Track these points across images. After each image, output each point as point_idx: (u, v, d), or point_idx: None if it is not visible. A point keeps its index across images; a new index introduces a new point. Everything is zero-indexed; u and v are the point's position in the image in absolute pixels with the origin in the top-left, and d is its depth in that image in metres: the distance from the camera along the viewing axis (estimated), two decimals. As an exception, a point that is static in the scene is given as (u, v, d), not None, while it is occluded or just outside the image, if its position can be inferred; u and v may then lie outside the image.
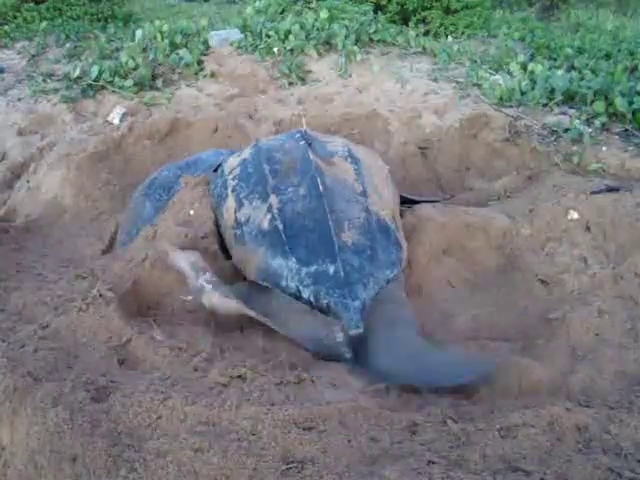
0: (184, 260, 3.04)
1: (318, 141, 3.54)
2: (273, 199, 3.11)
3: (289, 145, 3.47)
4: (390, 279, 2.96)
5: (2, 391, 2.25)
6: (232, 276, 3.20)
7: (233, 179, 3.37)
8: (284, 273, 2.89)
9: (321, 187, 3.10)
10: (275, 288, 2.92)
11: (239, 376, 2.49)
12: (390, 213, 3.27)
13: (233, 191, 3.31)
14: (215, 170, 3.68)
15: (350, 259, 2.88)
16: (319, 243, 2.91)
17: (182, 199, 3.56)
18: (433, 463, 1.95)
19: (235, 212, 3.22)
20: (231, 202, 3.28)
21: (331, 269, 2.83)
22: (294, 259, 2.89)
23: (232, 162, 3.53)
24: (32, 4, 8.23)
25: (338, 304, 2.75)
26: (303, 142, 3.44)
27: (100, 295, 2.94)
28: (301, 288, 2.84)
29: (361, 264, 2.88)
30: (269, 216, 3.05)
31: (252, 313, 2.80)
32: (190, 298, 3.05)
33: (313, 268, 2.85)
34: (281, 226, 2.99)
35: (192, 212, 3.44)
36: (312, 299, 2.82)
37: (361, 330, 2.72)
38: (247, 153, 3.51)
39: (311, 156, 3.30)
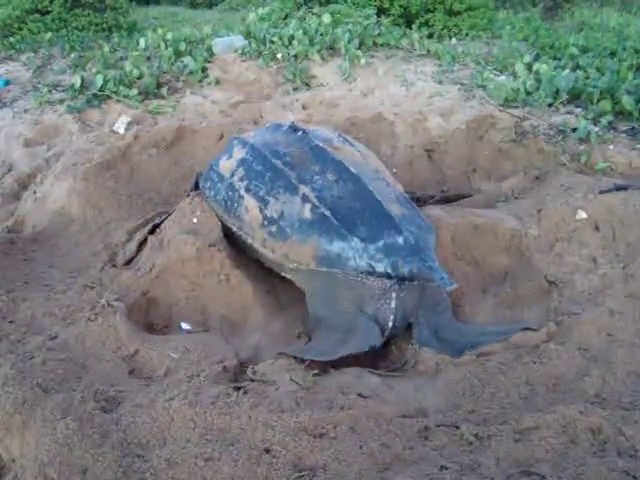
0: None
1: (311, 130, 3.58)
2: (305, 189, 3.12)
3: (285, 138, 3.49)
4: (435, 243, 3.08)
5: (11, 403, 2.25)
6: (238, 283, 3.20)
7: (241, 180, 3.34)
8: (349, 254, 2.93)
9: (353, 169, 3.17)
10: (341, 271, 2.95)
11: (251, 383, 2.49)
12: (400, 186, 3.42)
13: (248, 191, 3.29)
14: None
15: (409, 227, 2.96)
16: (376, 219, 2.97)
17: (182, 208, 3.55)
18: (446, 468, 1.94)
19: (261, 210, 3.20)
20: (251, 202, 3.25)
21: (400, 239, 2.89)
22: (356, 239, 2.92)
23: (227, 164, 3.50)
24: (37, 15, 8.27)
25: (422, 269, 2.80)
26: (301, 132, 3.48)
27: (108, 305, 2.95)
28: (374, 264, 2.88)
29: (418, 232, 2.98)
30: (308, 206, 3.06)
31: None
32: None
33: (381, 242, 2.89)
34: (328, 212, 3.01)
35: (195, 220, 3.43)
36: (390, 270, 2.85)
37: (456, 285, 2.80)
38: (242, 152, 3.48)
39: (320, 144, 3.35)
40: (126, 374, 2.62)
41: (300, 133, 3.47)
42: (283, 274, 3.23)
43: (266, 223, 3.16)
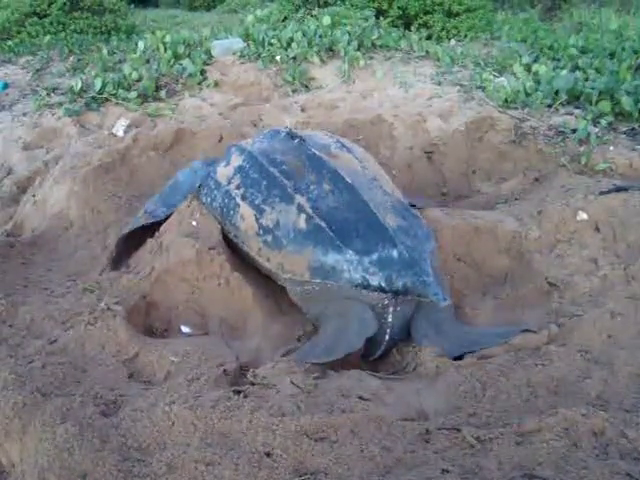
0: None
1: (307, 137, 3.57)
2: (300, 199, 3.11)
3: (282, 145, 3.48)
4: (433, 250, 3.06)
5: (11, 407, 2.24)
6: (238, 287, 3.19)
7: (237, 187, 3.34)
8: (344, 267, 2.92)
9: (348, 179, 3.15)
10: (335, 283, 2.94)
11: (251, 386, 2.48)
12: (399, 192, 3.40)
13: (244, 199, 3.28)
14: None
15: (404, 240, 2.93)
16: (371, 231, 2.96)
17: (181, 211, 3.54)
18: (447, 472, 1.93)
19: (257, 219, 3.19)
20: (247, 210, 3.25)
21: (394, 253, 2.87)
22: (351, 251, 2.91)
23: (224, 171, 3.49)
24: (36, 18, 8.27)
25: (416, 283, 2.79)
26: (297, 140, 3.46)
27: (108, 309, 2.94)
28: (368, 277, 2.87)
29: (413, 243, 2.95)
30: (304, 216, 3.05)
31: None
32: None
33: (375, 255, 2.88)
34: (323, 223, 3.00)
35: (194, 223, 3.42)
36: (384, 284, 2.84)
37: (449, 301, 2.81)
38: (239, 160, 3.47)
39: (317, 152, 3.33)
40: (126, 378, 2.61)
41: (297, 140, 3.46)
42: (279, 283, 3.22)
43: (261, 232, 3.16)
